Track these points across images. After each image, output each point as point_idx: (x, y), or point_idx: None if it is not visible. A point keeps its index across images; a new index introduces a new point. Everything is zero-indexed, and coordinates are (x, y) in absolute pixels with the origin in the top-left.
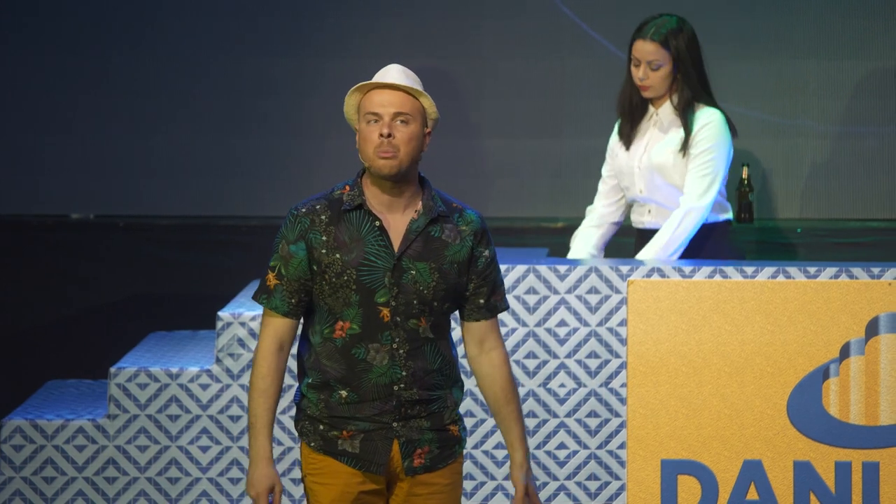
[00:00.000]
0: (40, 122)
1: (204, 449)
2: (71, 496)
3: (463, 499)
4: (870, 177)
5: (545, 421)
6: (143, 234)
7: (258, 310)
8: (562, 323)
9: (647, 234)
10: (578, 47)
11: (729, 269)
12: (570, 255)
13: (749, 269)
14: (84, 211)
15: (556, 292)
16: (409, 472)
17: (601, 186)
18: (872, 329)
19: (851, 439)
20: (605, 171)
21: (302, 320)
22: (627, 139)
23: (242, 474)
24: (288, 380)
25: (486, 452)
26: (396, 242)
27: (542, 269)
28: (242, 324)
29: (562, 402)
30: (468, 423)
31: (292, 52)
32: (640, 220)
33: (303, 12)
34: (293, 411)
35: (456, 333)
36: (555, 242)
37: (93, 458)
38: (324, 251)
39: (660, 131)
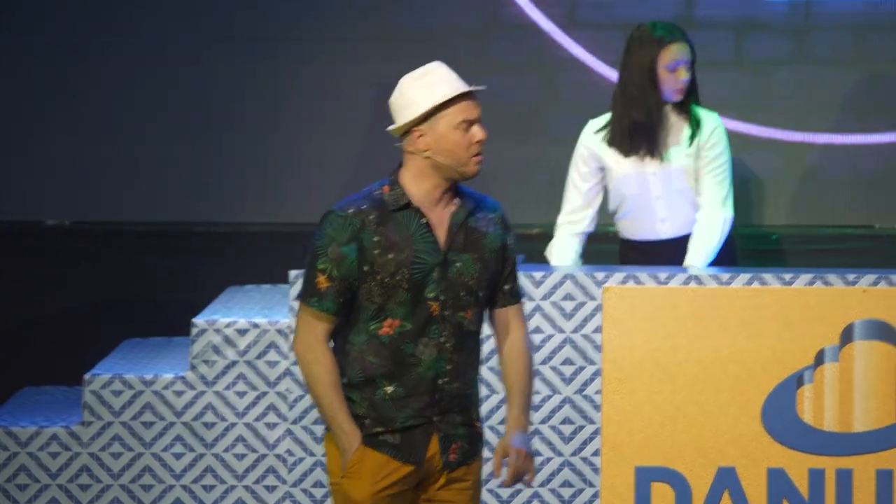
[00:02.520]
0: (15, 129)
1: (178, 456)
2: (44, 503)
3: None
4: (845, 184)
5: None
6: (118, 240)
7: (233, 317)
8: (537, 329)
9: (659, 246)
10: (556, 52)
11: (704, 277)
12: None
13: (724, 276)
14: (59, 217)
15: (531, 298)
16: (446, 467)
17: (573, 196)
18: (847, 336)
19: (825, 446)
20: (578, 180)
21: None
22: (636, 148)
23: (216, 481)
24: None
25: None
26: (441, 237)
27: (518, 275)
28: (217, 331)
29: (536, 408)
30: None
31: (265, 57)
32: (651, 230)
33: (277, 16)
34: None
35: None
36: (530, 249)
37: (67, 464)
38: (377, 252)
39: (665, 135)
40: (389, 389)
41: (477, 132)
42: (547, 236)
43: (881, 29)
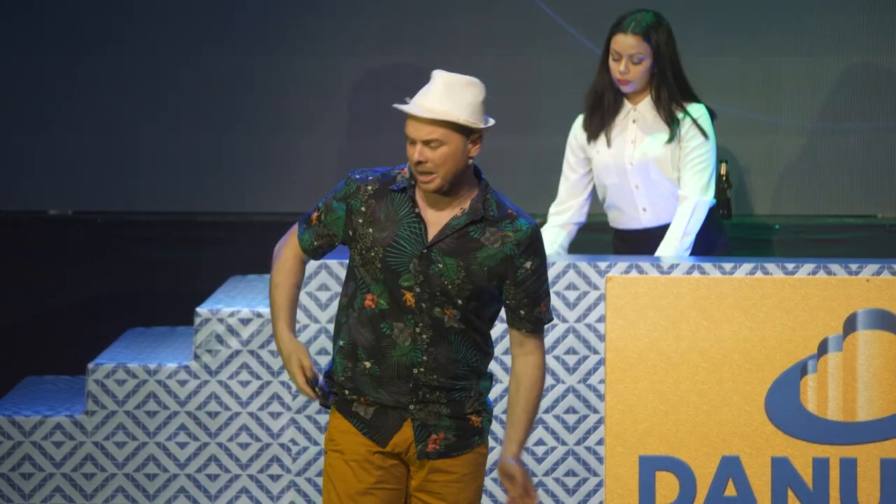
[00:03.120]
0: (18, 120)
1: (182, 445)
2: (49, 492)
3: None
4: (847, 173)
5: None
6: (122, 230)
7: (236, 306)
8: None
9: (643, 235)
10: (554, 43)
11: (707, 266)
12: None
13: (727, 266)
14: (62, 207)
15: None
16: (420, 456)
17: (562, 186)
18: (850, 325)
19: (829, 435)
20: (567, 170)
21: (350, 287)
22: (603, 137)
23: (220, 471)
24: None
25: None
26: (432, 233)
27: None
28: (220, 320)
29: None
30: None
31: (269, 49)
32: (635, 219)
33: (278, 11)
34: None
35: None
36: None
37: (70, 454)
38: (360, 221)
39: (643, 126)
40: (367, 364)
41: (412, 153)
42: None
43: (882, 16)
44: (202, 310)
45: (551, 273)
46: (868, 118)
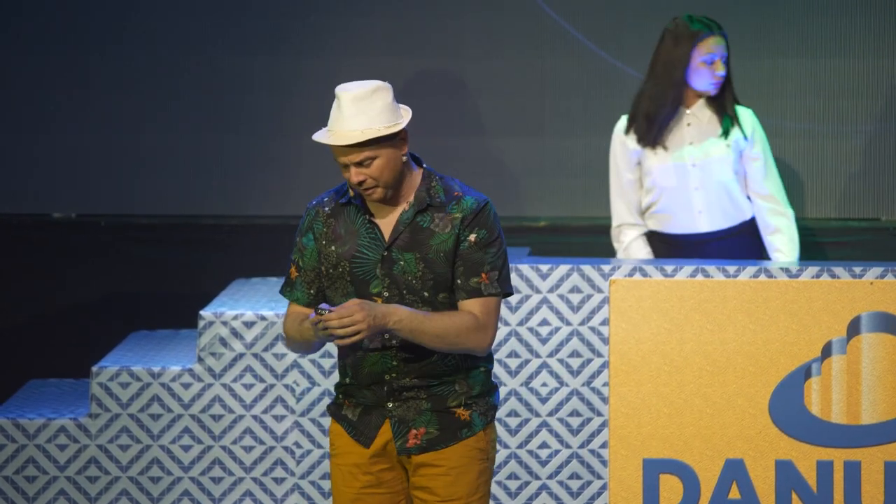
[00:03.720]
0: (21, 122)
1: (186, 448)
2: (53, 495)
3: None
4: (851, 176)
5: (527, 420)
6: (125, 233)
7: (240, 309)
8: (544, 322)
9: (695, 241)
10: (559, 45)
11: (711, 269)
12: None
13: (731, 269)
14: (65, 210)
15: (538, 291)
16: (401, 452)
17: (630, 199)
18: (854, 328)
19: (833, 438)
20: (625, 184)
21: None
22: (654, 141)
23: (224, 474)
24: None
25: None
26: (387, 234)
27: (524, 268)
28: (224, 323)
29: (544, 401)
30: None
31: (272, 50)
32: (689, 222)
33: (282, 11)
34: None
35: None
36: (537, 241)
37: (75, 457)
38: (324, 242)
39: (699, 128)
40: (347, 380)
41: (349, 176)
42: (553, 228)
43: (886, 19)
44: (206, 313)
45: (555, 276)
46: (871, 121)
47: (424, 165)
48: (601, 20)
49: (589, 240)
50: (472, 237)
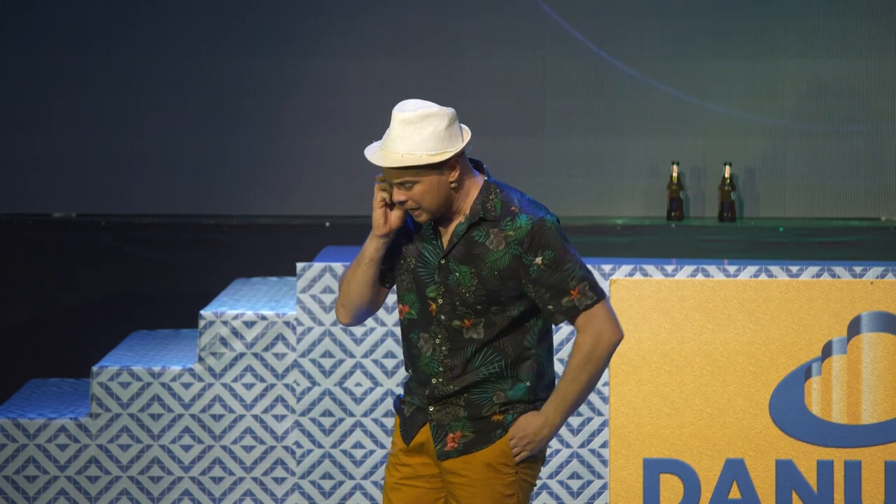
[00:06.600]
0: (22, 122)
1: (186, 448)
2: (53, 495)
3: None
4: (852, 176)
5: None
6: (126, 233)
7: (240, 309)
8: None
9: None
10: (559, 45)
11: (711, 269)
12: None
13: (731, 269)
14: (66, 210)
15: None
16: (441, 457)
17: None
18: (854, 328)
19: (833, 438)
20: None
21: None
22: None
23: (225, 473)
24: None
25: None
26: (445, 243)
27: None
28: (225, 323)
29: None
30: None
31: (274, 51)
32: None
33: (284, 11)
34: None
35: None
36: None
37: (75, 456)
38: (403, 230)
39: None
40: (409, 373)
41: (395, 193)
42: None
43: (887, 20)
44: (206, 312)
45: None
46: (872, 121)
47: (486, 175)
48: (601, 20)
49: (589, 240)
50: (539, 260)
